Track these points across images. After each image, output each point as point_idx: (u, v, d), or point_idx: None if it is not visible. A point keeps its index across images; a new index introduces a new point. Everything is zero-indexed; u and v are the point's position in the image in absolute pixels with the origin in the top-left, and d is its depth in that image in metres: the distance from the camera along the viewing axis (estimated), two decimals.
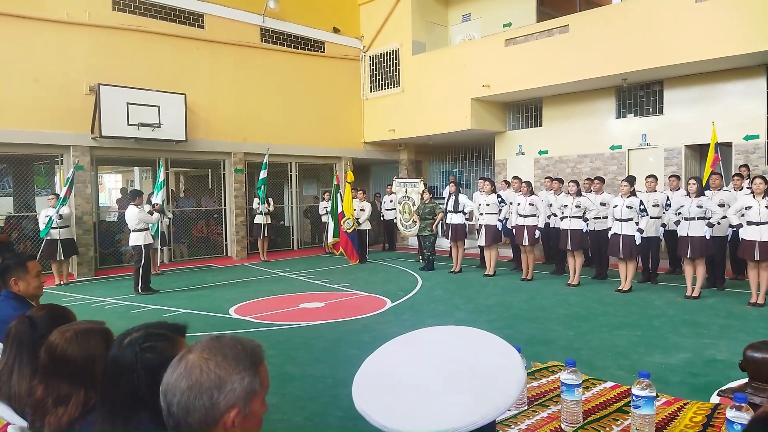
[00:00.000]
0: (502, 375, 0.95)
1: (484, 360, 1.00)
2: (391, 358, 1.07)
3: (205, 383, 1.02)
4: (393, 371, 1.02)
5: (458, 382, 0.94)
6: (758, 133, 9.67)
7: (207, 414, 1.01)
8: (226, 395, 1.02)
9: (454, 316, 6.63)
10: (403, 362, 1.03)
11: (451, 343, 1.07)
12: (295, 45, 13.75)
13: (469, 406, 0.88)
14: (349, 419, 3.57)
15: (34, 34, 9.87)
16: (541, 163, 12.67)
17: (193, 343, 1.11)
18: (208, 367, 1.03)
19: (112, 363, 1.38)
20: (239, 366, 1.05)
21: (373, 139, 14.96)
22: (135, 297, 8.21)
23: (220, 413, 1.02)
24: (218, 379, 1.02)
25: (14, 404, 1.86)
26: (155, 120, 10.79)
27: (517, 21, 12.84)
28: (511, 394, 0.90)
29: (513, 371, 0.96)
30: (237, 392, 1.03)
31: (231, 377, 1.03)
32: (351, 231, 11.44)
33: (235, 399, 1.03)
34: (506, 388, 0.91)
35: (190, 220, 13.42)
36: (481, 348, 1.04)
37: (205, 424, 1.01)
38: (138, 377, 1.34)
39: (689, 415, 1.88)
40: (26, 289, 2.73)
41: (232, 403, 1.03)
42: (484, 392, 0.91)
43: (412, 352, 1.06)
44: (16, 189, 12.38)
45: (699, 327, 5.82)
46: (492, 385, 0.92)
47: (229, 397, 1.03)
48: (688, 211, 7.29)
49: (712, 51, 9.04)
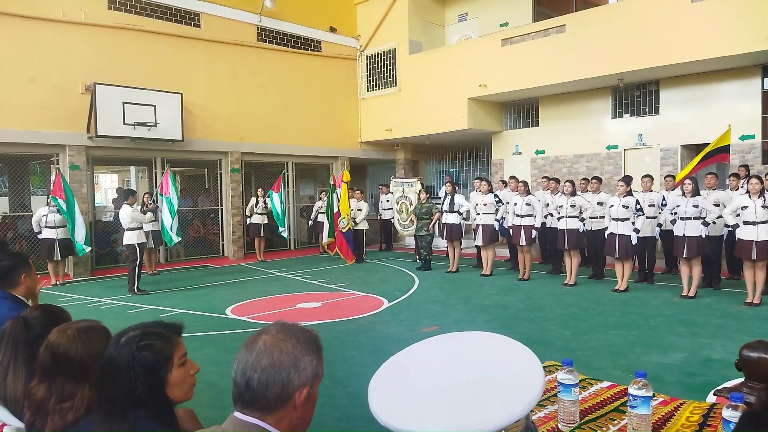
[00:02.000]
0: (518, 389, 0.96)
1: (504, 370, 1.02)
2: (410, 361, 1.12)
3: (285, 362, 1.13)
4: (410, 377, 1.05)
5: (473, 390, 0.95)
6: (754, 133, 9.71)
7: (283, 390, 1.13)
8: (300, 374, 1.14)
9: (451, 316, 6.63)
10: (421, 367, 1.07)
11: (474, 349, 1.10)
12: (292, 44, 13.74)
13: (480, 414, 0.89)
14: (345, 420, 3.57)
15: (29, 33, 9.82)
16: (538, 162, 12.69)
17: (265, 327, 1.22)
18: (286, 348, 1.14)
19: (109, 362, 1.38)
20: (310, 349, 1.17)
21: (369, 138, 14.96)
22: (131, 297, 8.19)
23: (294, 390, 1.14)
24: (294, 359, 1.14)
25: (10, 405, 1.86)
26: (151, 119, 10.76)
27: (514, 21, 12.85)
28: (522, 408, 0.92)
29: (530, 386, 0.97)
30: (308, 372, 1.15)
31: (304, 358, 1.15)
32: (346, 230, 11.44)
33: (306, 379, 1.15)
34: (521, 401, 0.93)
35: (187, 219, 13.39)
36: (506, 358, 1.06)
37: (279, 399, 1.13)
38: (135, 375, 1.34)
39: (686, 415, 1.88)
40: (32, 286, 2.74)
41: (303, 382, 1.14)
42: (498, 402, 0.92)
43: (432, 356, 1.11)
44: (12, 188, 12.34)
45: (695, 327, 5.84)
46: (506, 396, 0.93)
47: (302, 376, 1.14)
48: (684, 211, 7.31)
49: (708, 51, 9.07)
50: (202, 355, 4.92)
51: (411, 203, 12.38)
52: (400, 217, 12.94)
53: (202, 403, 1.39)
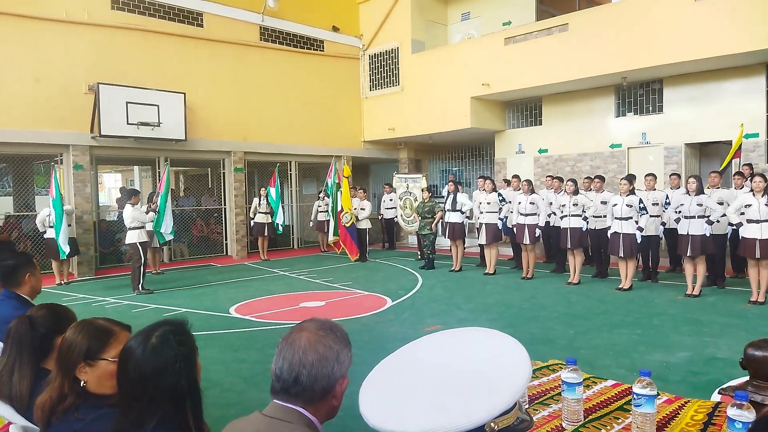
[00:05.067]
0: (502, 380, 0.96)
1: (489, 364, 1.02)
2: (396, 364, 1.15)
3: (330, 356, 1.22)
4: (399, 373, 1.08)
5: (457, 385, 0.96)
6: (758, 131, 9.67)
7: (328, 382, 1.22)
8: (341, 366, 1.23)
9: (454, 315, 6.63)
10: (407, 368, 1.10)
11: (465, 345, 1.11)
12: (295, 44, 13.74)
13: (463, 409, 0.90)
14: (348, 419, 3.55)
15: (33, 34, 9.85)
16: (541, 161, 12.67)
17: (302, 324, 1.30)
18: (328, 343, 1.23)
19: (144, 364, 1.35)
20: (344, 344, 1.27)
21: (372, 138, 14.96)
22: (135, 296, 8.21)
23: (335, 382, 1.23)
24: (337, 353, 1.23)
25: (15, 404, 1.87)
26: (155, 119, 10.78)
27: (517, 19, 12.82)
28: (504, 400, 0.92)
29: (515, 377, 0.97)
30: (346, 364, 1.25)
31: (343, 351, 1.25)
32: (350, 225, 11.46)
33: (345, 370, 1.25)
34: (502, 394, 0.93)
35: (190, 219, 13.42)
36: (493, 352, 1.07)
37: (324, 391, 1.22)
38: (179, 371, 1.36)
39: (690, 414, 1.88)
40: (36, 285, 2.76)
41: (343, 373, 1.24)
42: (481, 396, 0.92)
43: (424, 354, 1.12)
44: (16, 188, 12.39)
45: (699, 325, 5.82)
46: (489, 389, 0.94)
47: (342, 368, 1.24)
48: (688, 210, 7.29)
49: (712, 49, 9.04)
50: (206, 354, 4.90)
51: (416, 199, 12.34)
52: (404, 213, 12.91)
53: (206, 401, 1.39)
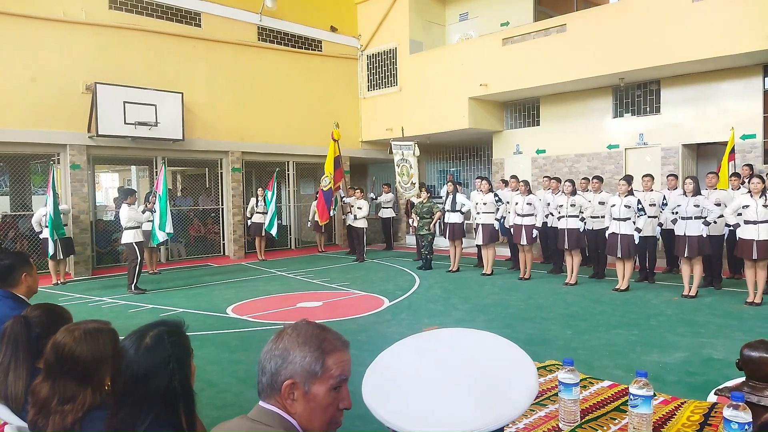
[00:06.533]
0: (513, 385, 0.96)
1: (498, 368, 1.01)
2: (406, 353, 1.11)
3: (276, 352, 1.24)
4: (405, 369, 1.05)
5: (468, 387, 0.95)
6: (755, 132, 9.70)
7: (272, 378, 1.23)
8: (287, 366, 1.22)
9: (452, 316, 6.63)
10: (416, 360, 1.07)
11: (469, 347, 1.10)
12: (293, 44, 13.73)
13: (474, 412, 0.89)
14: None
15: (31, 33, 9.83)
16: (539, 162, 12.68)
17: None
18: (288, 341, 1.25)
19: (137, 364, 1.36)
20: (305, 346, 1.24)
21: (370, 138, 14.95)
22: (132, 296, 8.19)
23: (281, 381, 1.22)
24: (284, 351, 1.23)
25: (11, 404, 1.86)
26: (152, 119, 10.76)
27: (515, 20, 12.84)
28: (518, 406, 0.91)
29: (525, 382, 0.97)
30: (296, 366, 1.22)
31: (294, 352, 1.23)
32: (327, 189, 11.45)
33: (293, 372, 1.22)
34: (515, 399, 0.92)
35: (188, 219, 13.40)
36: (498, 356, 1.06)
37: (269, 386, 1.23)
38: (172, 372, 1.37)
39: (686, 414, 1.88)
40: (33, 284, 2.75)
41: (290, 375, 1.22)
42: (492, 401, 0.91)
43: (427, 350, 1.09)
44: (13, 188, 12.35)
45: (696, 326, 5.83)
46: (501, 394, 0.93)
47: (289, 369, 1.22)
48: (685, 211, 7.31)
49: (709, 50, 9.07)
50: (202, 354, 4.91)
51: (411, 166, 12.25)
52: (402, 179, 12.81)
53: (202, 402, 1.39)
